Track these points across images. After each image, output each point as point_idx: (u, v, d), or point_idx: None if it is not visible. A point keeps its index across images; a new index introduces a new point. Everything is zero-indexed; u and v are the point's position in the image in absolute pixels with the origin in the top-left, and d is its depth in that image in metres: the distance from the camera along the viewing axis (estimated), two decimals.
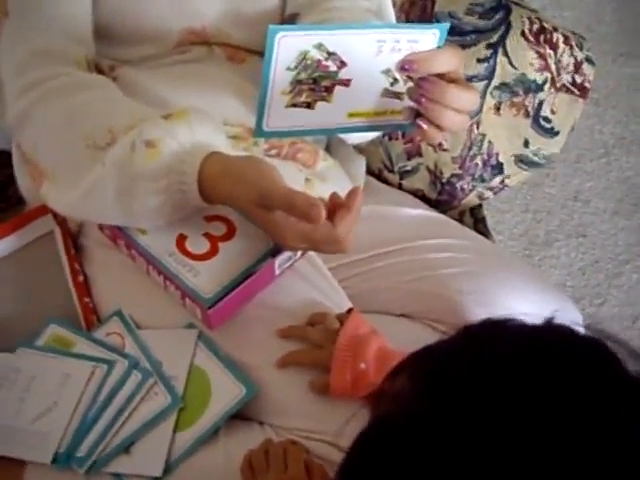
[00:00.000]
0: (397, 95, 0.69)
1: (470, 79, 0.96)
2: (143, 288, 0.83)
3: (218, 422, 0.74)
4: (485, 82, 0.97)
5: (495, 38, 0.96)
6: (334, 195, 0.71)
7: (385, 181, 1.07)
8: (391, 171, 1.06)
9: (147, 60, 0.93)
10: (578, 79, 1.01)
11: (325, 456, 0.71)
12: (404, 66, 0.67)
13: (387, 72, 0.67)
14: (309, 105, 0.69)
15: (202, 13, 0.91)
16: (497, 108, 1.00)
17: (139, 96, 0.87)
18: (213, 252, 0.81)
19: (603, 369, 0.41)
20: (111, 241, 0.85)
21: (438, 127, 0.69)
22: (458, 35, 0.96)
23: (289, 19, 0.96)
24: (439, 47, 0.67)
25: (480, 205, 1.14)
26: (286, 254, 0.80)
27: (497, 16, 0.97)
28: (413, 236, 0.93)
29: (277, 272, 0.81)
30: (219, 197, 0.73)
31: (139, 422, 0.75)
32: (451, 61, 0.67)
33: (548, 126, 1.02)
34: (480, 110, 0.98)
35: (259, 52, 0.97)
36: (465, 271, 0.89)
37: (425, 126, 0.69)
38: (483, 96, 0.98)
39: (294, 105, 0.68)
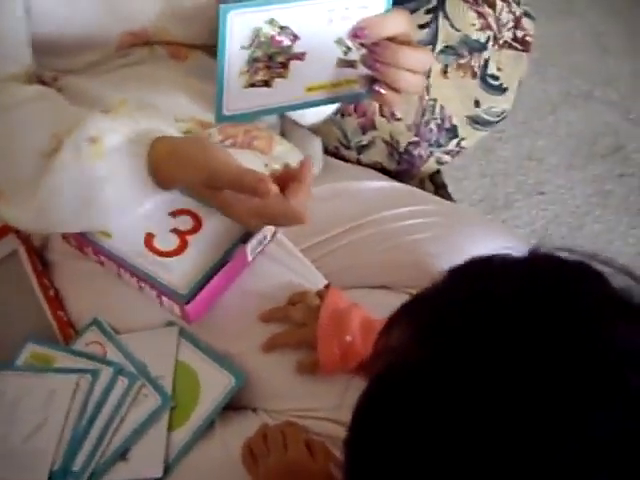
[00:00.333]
0: (351, 64, 0.69)
1: None
2: (116, 293, 0.82)
3: (211, 415, 0.73)
4: (429, 47, 0.98)
5: (434, 2, 0.97)
6: (285, 169, 0.71)
7: (343, 158, 1.07)
8: (348, 147, 1.06)
9: (90, 67, 0.92)
10: (519, 34, 1.03)
11: (325, 432, 0.71)
12: (356, 33, 0.67)
13: (339, 41, 0.68)
14: (266, 83, 0.68)
15: (140, 14, 0.90)
16: (444, 72, 1.01)
17: (87, 104, 0.85)
18: (183, 247, 0.80)
19: (597, 291, 0.41)
20: (78, 250, 0.83)
21: (396, 90, 0.69)
22: (397, 3, 0.96)
23: None
24: (387, 11, 0.67)
25: (439, 171, 1.15)
26: (256, 238, 0.80)
27: None
28: (379, 207, 0.93)
29: (249, 258, 0.81)
30: (169, 181, 0.74)
31: (132, 427, 0.74)
32: (400, 23, 0.68)
33: (496, 83, 1.03)
34: (428, 75, 0.99)
35: (201, 46, 0.96)
36: (434, 235, 0.89)
37: (383, 91, 0.70)
38: None
39: (252, 85, 0.68)
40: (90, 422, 0.75)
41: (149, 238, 0.80)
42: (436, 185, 1.16)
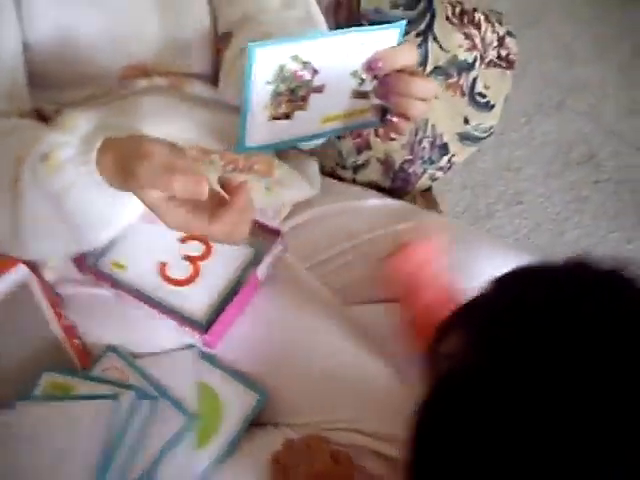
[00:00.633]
0: (364, 95, 0.72)
1: None
2: (133, 319, 0.84)
3: (239, 431, 0.75)
4: (420, 69, 1.02)
5: (423, 26, 1.01)
6: (216, 194, 0.70)
7: (339, 178, 1.10)
8: (344, 167, 1.09)
9: (91, 100, 0.94)
10: (503, 52, 1.07)
11: (348, 442, 0.74)
12: (370, 66, 0.70)
13: (354, 74, 0.70)
14: (287, 116, 0.70)
15: (140, 49, 0.92)
16: None
17: None
18: (196, 273, 0.83)
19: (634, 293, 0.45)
20: (96, 282, 0.85)
21: (406, 118, 0.73)
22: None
23: (223, 39, 0.99)
24: (398, 44, 0.71)
25: (429, 188, 1.19)
26: (266, 262, 0.83)
27: (420, 6, 1.01)
28: (381, 224, 0.96)
29: (261, 280, 0.83)
30: (124, 186, 0.71)
31: (158, 449, 0.75)
32: (410, 55, 0.71)
33: (483, 101, 1.07)
34: None
35: (199, 75, 0.99)
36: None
37: (395, 119, 0.73)
38: None
39: (274, 118, 0.70)
40: (115, 448, 0.76)
41: (162, 267, 0.82)
42: (427, 201, 1.19)
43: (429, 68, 1.02)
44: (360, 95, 0.72)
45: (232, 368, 0.80)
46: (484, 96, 1.07)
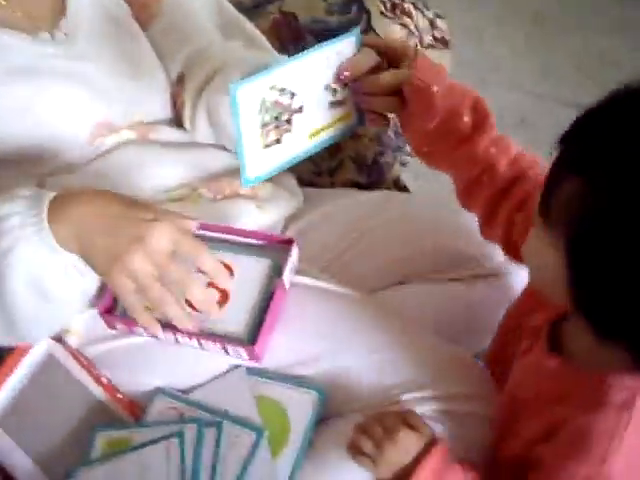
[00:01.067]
0: (340, 103, 0.79)
1: None
2: (174, 355, 0.85)
3: (310, 431, 0.78)
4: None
5: (363, 25, 1.07)
6: None
7: (317, 185, 1.14)
8: (320, 174, 1.13)
9: (69, 165, 0.95)
10: (437, 34, 1.14)
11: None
12: (339, 77, 0.77)
13: (327, 87, 0.77)
14: (278, 141, 0.76)
15: (102, 112, 0.94)
16: None
17: None
18: (225, 296, 0.85)
19: None
20: (128, 331, 0.86)
21: (382, 113, 0.80)
22: (332, 36, 1.05)
23: (177, 82, 1.02)
24: (358, 50, 0.78)
25: (399, 177, 1.24)
26: (288, 268, 0.85)
27: (354, 7, 1.08)
28: (372, 215, 1.01)
29: (287, 286, 0.86)
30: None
31: (237, 471, 0.77)
32: (370, 57, 0.78)
33: None
34: None
35: (162, 121, 1.02)
36: (433, 226, 0.99)
37: (372, 116, 0.80)
38: None
39: (267, 146, 0.75)
40: None
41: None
42: (399, 188, 1.25)
43: None
44: (337, 104, 0.78)
45: (282, 375, 0.82)
46: None
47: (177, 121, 1.03)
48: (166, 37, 1.02)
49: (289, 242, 0.87)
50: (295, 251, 0.86)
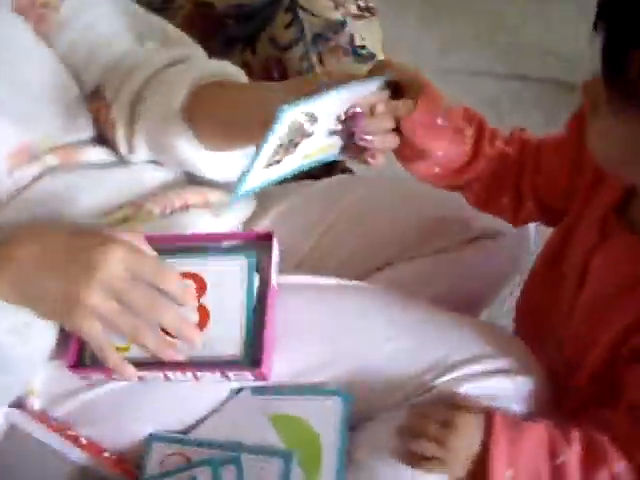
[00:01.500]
0: (336, 132, 0.74)
1: (289, 47, 0.98)
2: (163, 394, 0.74)
3: (343, 439, 0.68)
4: (301, 43, 1.00)
5: (287, 2, 0.99)
6: None
7: None
8: None
9: None
10: (362, 4, 1.08)
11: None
12: (349, 112, 0.71)
13: (338, 117, 0.72)
14: (278, 161, 0.71)
15: (16, 138, 0.83)
16: (320, 60, 1.03)
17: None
18: (205, 314, 0.74)
19: None
20: (106, 378, 0.74)
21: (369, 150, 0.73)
22: (252, 19, 0.98)
23: (95, 95, 0.92)
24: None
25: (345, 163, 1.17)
26: (273, 264, 0.76)
27: None
28: (337, 198, 0.95)
29: (276, 286, 0.76)
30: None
31: None
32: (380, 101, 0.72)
33: (365, 52, 1.07)
34: (312, 69, 1.01)
35: (87, 141, 0.92)
36: (410, 197, 0.93)
37: (375, 155, 0.73)
38: (307, 57, 1.01)
39: (269, 165, 0.70)
40: None
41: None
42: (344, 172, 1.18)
43: (309, 38, 1.01)
44: (333, 133, 0.74)
45: (294, 387, 0.72)
46: (364, 47, 1.07)
47: (101, 138, 0.92)
48: (74, 48, 0.92)
49: (267, 237, 0.78)
50: (276, 245, 0.77)
